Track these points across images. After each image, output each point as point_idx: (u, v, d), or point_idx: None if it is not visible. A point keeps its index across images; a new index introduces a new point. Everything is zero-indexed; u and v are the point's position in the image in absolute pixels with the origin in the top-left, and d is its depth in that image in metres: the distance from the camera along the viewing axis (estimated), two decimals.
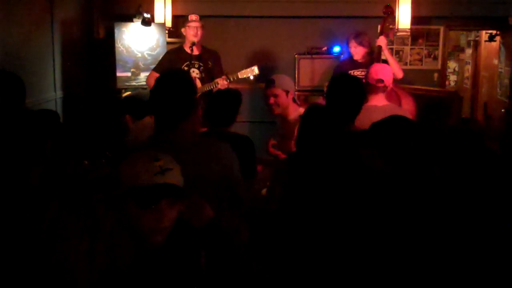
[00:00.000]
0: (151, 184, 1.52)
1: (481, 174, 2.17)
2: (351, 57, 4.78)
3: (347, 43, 4.72)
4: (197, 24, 4.48)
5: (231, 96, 3.16)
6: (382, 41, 4.44)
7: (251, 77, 4.39)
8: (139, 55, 6.00)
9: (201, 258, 1.77)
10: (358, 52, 4.62)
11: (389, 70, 3.52)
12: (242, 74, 4.44)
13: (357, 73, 4.52)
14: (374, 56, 4.47)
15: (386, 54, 4.51)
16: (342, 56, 5.77)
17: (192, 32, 4.48)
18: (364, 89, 2.81)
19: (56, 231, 1.58)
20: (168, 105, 2.10)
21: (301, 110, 3.45)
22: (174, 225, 1.61)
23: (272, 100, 3.44)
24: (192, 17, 4.53)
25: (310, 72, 6.03)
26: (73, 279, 1.53)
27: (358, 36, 4.61)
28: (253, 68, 4.44)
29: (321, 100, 4.03)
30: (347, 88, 2.71)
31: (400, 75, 4.37)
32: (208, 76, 4.59)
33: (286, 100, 3.42)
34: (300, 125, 2.56)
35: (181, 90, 2.12)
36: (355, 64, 4.65)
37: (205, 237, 1.75)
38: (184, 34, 4.59)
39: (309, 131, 2.52)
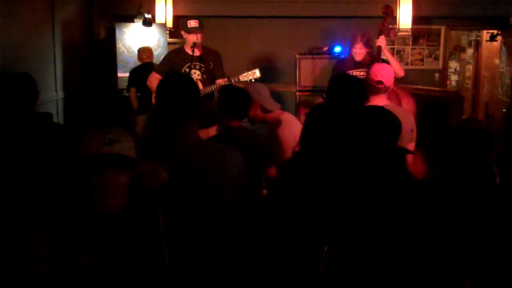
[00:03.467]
0: (97, 153, 1.68)
1: (482, 174, 2.17)
2: (350, 56, 4.77)
3: (351, 43, 4.69)
4: (197, 32, 4.47)
5: (241, 90, 3.21)
6: (382, 41, 4.43)
7: (253, 80, 4.40)
8: None
9: (159, 217, 1.86)
10: (362, 53, 4.61)
11: (389, 71, 3.52)
12: (244, 77, 4.46)
13: (357, 73, 4.51)
14: (374, 56, 4.46)
15: (386, 54, 4.50)
16: (341, 55, 5.76)
17: (191, 38, 4.48)
18: (364, 90, 2.81)
19: (19, 226, 1.70)
20: (173, 106, 2.12)
21: (285, 116, 3.40)
22: (129, 191, 1.76)
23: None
24: (192, 23, 4.48)
25: (311, 72, 6.03)
26: (33, 276, 1.62)
27: (364, 37, 4.58)
28: (254, 71, 4.46)
29: (320, 101, 4.02)
30: (347, 89, 2.71)
31: (401, 73, 4.37)
32: (209, 76, 4.58)
33: (252, 111, 3.29)
34: (304, 124, 2.57)
35: (186, 92, 2.15)
36: (355, 64, 4.64)
37: (162, 196, 1.88)
38: (184, 37, 4.58)
39: (311, 131, 2.53)
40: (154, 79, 4.63)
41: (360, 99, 2.68)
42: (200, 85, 4.61)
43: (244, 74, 4.47)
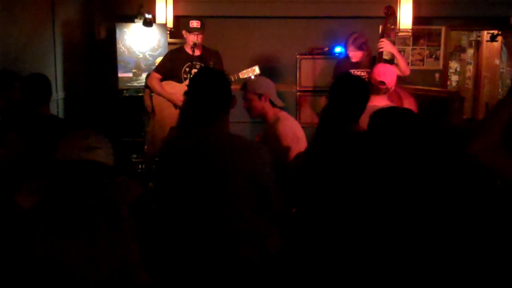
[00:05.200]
0: (77, 160, 1.66)
1: (483, 174, 2.17)
2: (348, 57, 4.77)
3: (345, 46, 4.70)
4: (198, 32, 4.48)
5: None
6: (386, 44, 4.40)
7: (252, 77, 4.40)
8: (141, 55, 6.01)
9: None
10: (356, 55, 4.60)
11: (393, 73, 3.52)
12: (243, 74, 4.48)
13: (357, 73, 4.51)
14: (376, 58, 4.46)
15: (394, 53, 4.48)
16: (340, 56, 5.76)
17: (193, 38, 4.48)
18: (367, 90, 2.81)
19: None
20: (209, 100, 2.19)
21: (282, 113, 3.40)
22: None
23: (245, 104, 3.37)
24: (194, 23, 4.49)
25: (312, 72, 6.03)
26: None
27: (356, 41, 4.55)
28: (254, 68, 4.48)
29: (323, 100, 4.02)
30: (350, 88, 2.71)
31: (407, 72, 4.38)
32: None
33: (260, 103, 3.32)
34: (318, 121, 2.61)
35: (221, 87, 2.23)
36: (352, 64, 4.64)
37: (138, 211, 1.88)
38: (185, 36, 4.58)
39: (321, 129, 2.56)
40: (153, 79, 4.64)
41: (363, 99, 2.68)
42: None
43: (244, 71, 4.49)
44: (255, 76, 4.42)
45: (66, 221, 1.65)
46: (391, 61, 4.44)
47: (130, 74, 6.00)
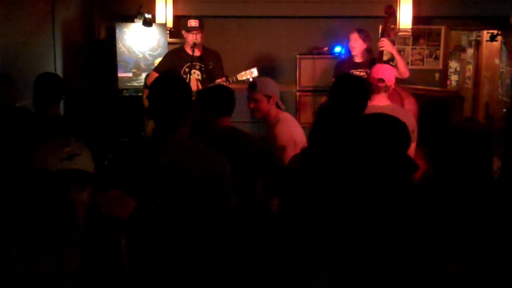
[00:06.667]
0: (58, 170, 1.55)
1: (481, 174, 2.17)
2: (350, 56, 4.77)
3: (348, 38, 4.71)
4: (197, 31, 4.48)
5: (221, 87, 3.22)
6: (386, 43, 4.41)
7: (251, 79, 4.41)
8: (140, 55, 6.01)
9: (121, 242, 1.80)
10: (357, 46, 4.59)
11: (391, 70, 3.52)
12: (242, 76, 4.50)
13: (357, 73, 4.51)
14: (376, 58, 4.46)
15: (394, 53, 4.50)
16: (341, 55, 5.76)
17: (192, 38, 4.48)
18: (367, 89, 2.81)
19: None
20: (167, 107, 2.12)
21: (284, 115, 3.42)
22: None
23: (252, 105, 3.36)
24: (192, 23, 4.49)
25: (311, 72, 6.03)
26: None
27: (361, 31, 4.60)
28: (252, 70, 4.49)
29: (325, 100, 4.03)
30: (351, 88, 2.71)
31: (406, 74, 4.38)
32: (209, 77, 4.59)
33: (267, 105, 3.33)
34: (313, 122, 2.59)
35: (178, 92, 2.15)
36: (355, 64, 4.64)
37: (130, 225, 1.79)
38: (185, 36, 4.58)
39: (317, 130, 2.55)
40: (153, 78, 4.63)
41: (364, 99, 2.68)
42: (200, 85, 4.62)
43: (242, 73, 4.50)
44: (257, 77, 4.42)
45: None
46: (389, 61, 4.45)
47: (130, 74, 6.00)
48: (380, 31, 4.77)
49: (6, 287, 1.56)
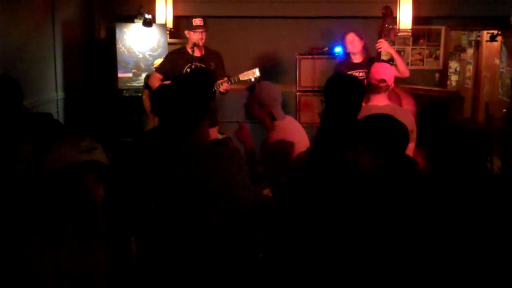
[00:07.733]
0: (78, 162, 1.64)
1: (480, 173, 2.17)
2: (348, 57, 4.78)
3: (343, 39, 4.73)
4: (202, 29, 4.47)
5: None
6: (384, 44, 4.41)
7: (252, 79, 4.40)
8: (140, 55, 6.01)
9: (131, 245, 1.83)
10: (355, 45, 4.61)
11: (391, 70, 3.52)
12: (244, 76, 4.47)
13: (356, 74, 4.51)
14: (374, 58, 4.46)
15: (393, 54, 4.49)
16: (340, 56, 5.77)
17: (197, 36, 4.47)
18: (362, 89, 2.79)
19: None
20: (184, 110, 2.07)
21: (281, 123, 3.16)
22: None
23: (246, 104, 3.24)
24: (197, 21, 4.47)
25: (311, 72, 6.04)
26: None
27: (356, 31, 4.64)
28: (254, 70, 4.47)
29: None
30: (344, 89, 2.69)
31: (406, 73, 4.38)
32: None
33: (258, 112, 3.14)
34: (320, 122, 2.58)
35: (195, 97, 2.11)
36: (353, 65, 4.65)
37: (136, 222, 1.85)
38: (187, 36, 4.56)
39: (322, 130, 2.55)
40: (155, 79, 4.63)
41: (358, 97, 2.67)
42: None
43: (244, 73, 4.48)
44: (255, 78, 4.40)
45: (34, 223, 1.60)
46: (389, 61, 4.44)
47: (130, 74, 6.01)
48: (378, 32, 4.77)
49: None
